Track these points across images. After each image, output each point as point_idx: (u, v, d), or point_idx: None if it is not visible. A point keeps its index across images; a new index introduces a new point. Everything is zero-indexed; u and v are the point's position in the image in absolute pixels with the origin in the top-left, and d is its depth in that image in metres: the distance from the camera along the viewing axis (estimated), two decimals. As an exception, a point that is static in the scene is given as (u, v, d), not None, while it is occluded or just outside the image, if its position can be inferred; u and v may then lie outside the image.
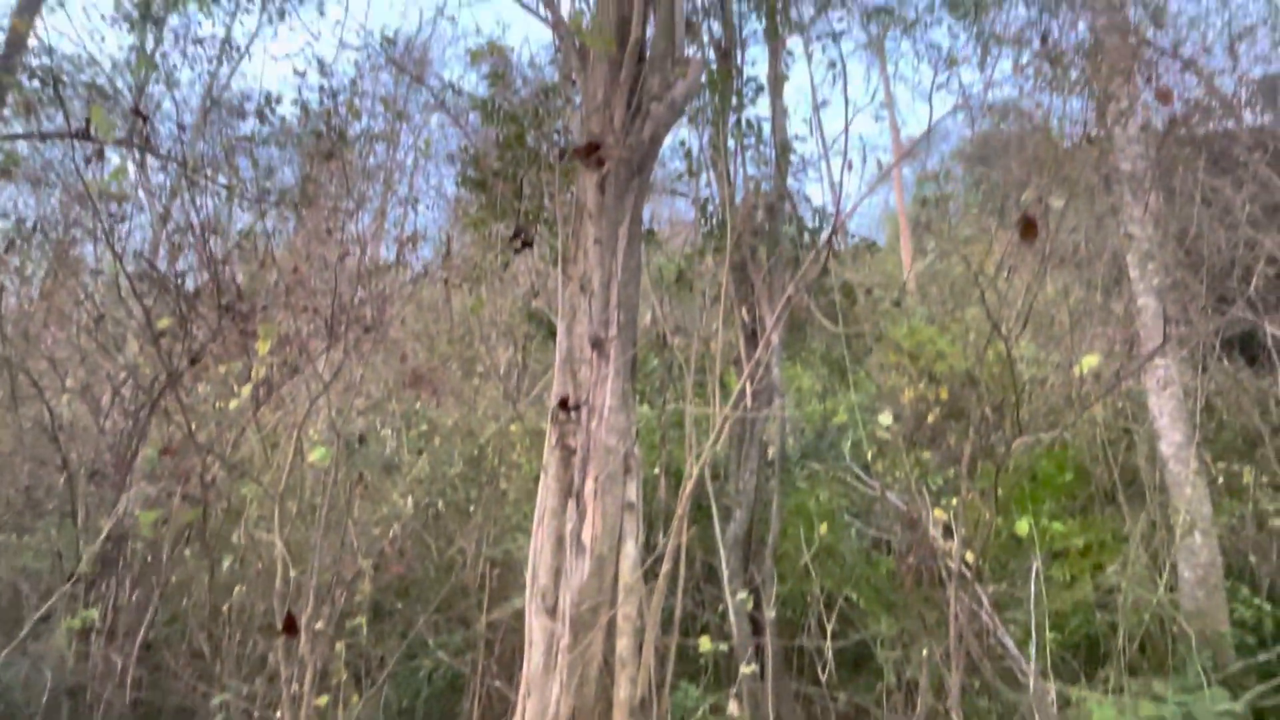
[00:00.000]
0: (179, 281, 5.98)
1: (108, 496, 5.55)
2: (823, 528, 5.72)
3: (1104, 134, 6.88)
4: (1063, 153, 6.75)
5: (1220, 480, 6.54)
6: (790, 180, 6.96)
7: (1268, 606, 5.70)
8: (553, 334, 5.05)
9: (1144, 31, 7.52)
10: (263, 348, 4.16)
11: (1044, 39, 7.61)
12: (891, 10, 8.91)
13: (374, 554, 5.48)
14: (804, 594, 5.93)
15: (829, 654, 5.14)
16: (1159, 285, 6.52)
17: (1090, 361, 4.09)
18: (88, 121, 4.15)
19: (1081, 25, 8.52)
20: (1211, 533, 5.91)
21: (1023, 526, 5.17)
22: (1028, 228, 3.24)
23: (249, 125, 10.75)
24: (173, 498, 5.16)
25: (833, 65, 7.52)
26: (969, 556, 4.18)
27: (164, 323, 4.61)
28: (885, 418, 5.21)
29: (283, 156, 10.42)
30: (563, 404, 4.31)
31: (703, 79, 5.69)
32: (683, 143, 6.63)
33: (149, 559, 5.68)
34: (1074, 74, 7.83)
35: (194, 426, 4.73)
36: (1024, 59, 8.91)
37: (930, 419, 7.78)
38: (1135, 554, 5.73)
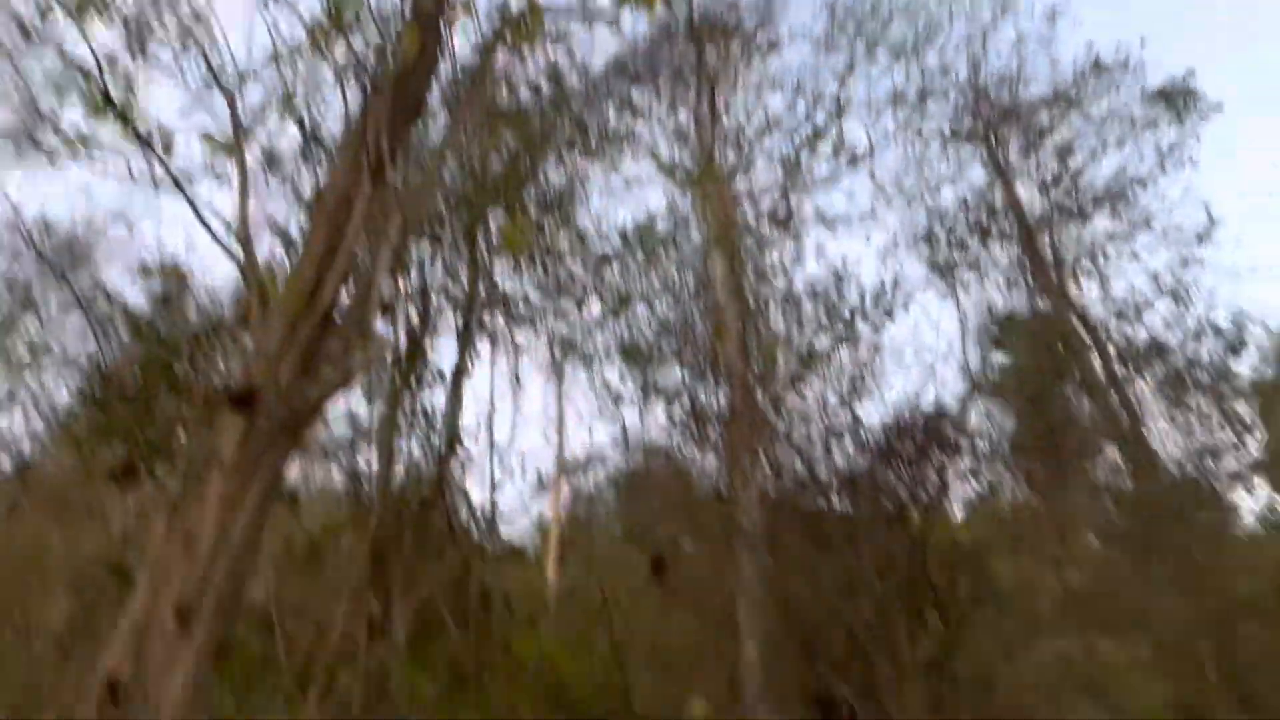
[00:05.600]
0: None
1: None
2: None
3: (732, 493, 7.87)
4: (697, 502, 7.56)
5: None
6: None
7: None
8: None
9: (765, 415, 9.06)
10: None
11: (693, 402, 8.83)
12: (574, 345, 9.90)
13: None
14: None
15: None
16: (760, 637, 7.17)
17: (700, 712, 4.27)
18: None
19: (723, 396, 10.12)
20: None
21: None
22: (658, 565, 3.43)
23: None
24: None
25: (516, 379, 8.02)
26: None
27: None
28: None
29: None
30: (110, 688, 3.41)
31: (387, 358, 5.70)
32: (351, 413, 6.42)
33: None
34: (713, 436, 9.06)
35: None
36: (675, 412, 10.24)
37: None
38: None
